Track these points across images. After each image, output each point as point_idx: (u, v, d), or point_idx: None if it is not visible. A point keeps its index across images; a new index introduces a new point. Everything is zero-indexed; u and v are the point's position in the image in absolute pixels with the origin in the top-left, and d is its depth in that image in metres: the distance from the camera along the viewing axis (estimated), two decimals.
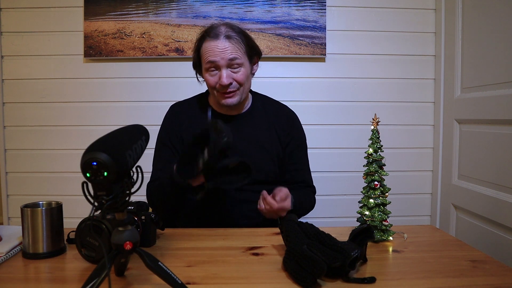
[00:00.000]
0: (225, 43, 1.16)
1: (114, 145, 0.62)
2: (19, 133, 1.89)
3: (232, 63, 1.17)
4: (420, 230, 1.11)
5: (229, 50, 1.16)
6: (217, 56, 1.16)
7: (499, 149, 1.42)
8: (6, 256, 0.86)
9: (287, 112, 1.36)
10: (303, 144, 1.36)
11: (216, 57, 1.16)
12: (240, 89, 1.21)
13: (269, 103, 1.37)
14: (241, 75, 1.19)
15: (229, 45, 1.17)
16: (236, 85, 1.19)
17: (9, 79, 1.88)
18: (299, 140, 1.34)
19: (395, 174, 1.90)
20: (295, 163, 1.33)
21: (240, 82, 1.19)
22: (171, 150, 1.26)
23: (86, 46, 1.84)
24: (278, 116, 1.33)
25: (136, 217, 0.92)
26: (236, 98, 1.21)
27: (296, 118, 1.37)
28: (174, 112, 1.33)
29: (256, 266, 0.83)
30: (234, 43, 1.18)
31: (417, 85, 1.93)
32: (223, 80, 1.16)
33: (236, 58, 1.17)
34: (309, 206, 1.32)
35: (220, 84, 1.17)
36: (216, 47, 1.16)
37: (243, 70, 1.20)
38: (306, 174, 1.36)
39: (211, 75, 1.19)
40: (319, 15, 1.85)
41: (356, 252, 0.74)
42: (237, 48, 1.18)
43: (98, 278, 0.63)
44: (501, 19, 1.43)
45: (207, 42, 1.18)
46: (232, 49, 1.17)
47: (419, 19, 1.90)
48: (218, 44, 1.16)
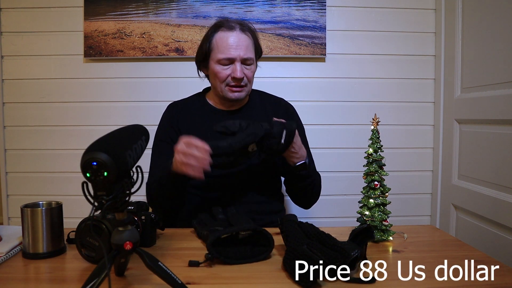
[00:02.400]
0: (240, 36, 1.19)
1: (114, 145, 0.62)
2: (19, 133, 1.89)
3: (246, 60, 1.20)
4: (420, 230, 1.11)
5: (244, 46, 1.19)
6: (234, 50, 1.18)
7: (499, 149, 1.42)
8: (6, 256, 0.86)
9: (284, 104, 1.38)
10: (302, 135, 1.32)
11: (232, 52, 1.17)
12: (248, 85, 1.23)
13: (266, 97, 1.38)
14: (251, 72, 1.23)
15: (245, 40, 1.20)
16: (246, 80, 1.22)
17: (9, 79, 1.87)
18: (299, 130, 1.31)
19: (395, 174, 1.89)
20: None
21: (249, 78, 1.23)
22: (168, 146, 1.25)
23: (86, 46, 1.84)
24: (275, 108, 1.34)
25: (136, 217, 0.92)
26: (244, 93, 1.23)
27: (293, 109, 1.38)
28: (172, 110, 1.33)
29: (256, 266, 0.83)
30: (248, 40, 1.21)
31: (417, 85, 1.93)
32: (237, 73, 1.18)
33: (251, 57, 1.21)
34: (318, 184, 1.28)
35: (234, 77, 1.19)
36: (233, 40, 1.18)
37: (253, 67, 1.24)
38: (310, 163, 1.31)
39: (223, 68, 1.20)
40: (319, 15, 1.85)
41: (356, 252, 0.74)
42: (251, 46, 1.22)
43: (98, 278, 0.63)
44: (501, 19, 1.43)
45: (222, 32, 1.20)
46: (247, 46, 1.20)
47: (419, 19, 1.90)
48: (234, 36, 1.18)
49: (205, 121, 1.26)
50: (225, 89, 1.22)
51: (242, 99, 1.26)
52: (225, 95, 1.23)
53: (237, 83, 1.20)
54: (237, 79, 1.19)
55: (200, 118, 1.28)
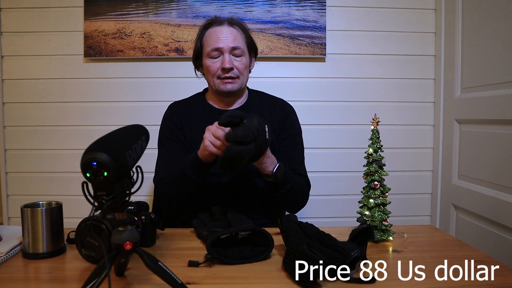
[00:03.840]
0: (228, 29, 1.22)
1: (114, 145, 0.62)
2: (19, 133, 1.89)
3: (235, 50, 1.22)
4: (420, 230, 1.11)
5: (232, 36, 1.21)
6: (221, 41, 1.20)
7: (499, 149, 1.42)
8: (6, 256, 0.86)
9: (281, 103, 1.37)
10: (296, 135, 1.33)
11: (220, 43, 1.20)
12: (240, 77, 1.24)
13: (264, 97, 1.38)
14: (242, 64, 1.24)
15: (233, 31, 1.22)
16: (236, 72, 1.22)
17: (9, 79, 1.88)
18: (292, 129, 1.32)
19: (395, 174, 1.89)
20: (287, 152, 1.28)
21: (240, 70, 1.23)
22: (176, 143, 1.27)
23: (86, 46, 1.84)
24: (273, 108, 1.34)
25: (136, 217, 0.92)
26: (236, 85, 1.24)
27: (291, 109, 1.37)
28: (174, 110, 1.34)
29: (256, 266, 0.83)
30: (237, 32, 1.23)
31: (417, 85, 1.93)
32: (226, 64, 1.19)
33: (239, 46, 1.22)
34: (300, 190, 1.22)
35: (223, 68, 1.20)
36: (221, 32, 1.21)
37: (244, 60, 1.24)
38: (298, 164, 1.29)
39: (213, 61, 1.22)
40: (319, 15, 1.85)
41: (356, 252, 0.74)
42: (240, 37, 1.24)
43: (98, 278, 0.63)
44: (501, 19, 1.43)
45: (211, 28, 1.24)
46: (235, 36, 1.23)
47: (419, 19, 1.90)
48: (222, 29, 1.22)
49: (205, 120, 1.27)
50: (217, 82, 1.23)
51: (236, 92, 1.26)
52: (218, 88, 1.24)
53: (226, 74, 1.21)
54: (226, 69, 1.20)
55: (200, 117, 1.29)
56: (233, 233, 0.84)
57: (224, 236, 0.83)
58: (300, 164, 1.31)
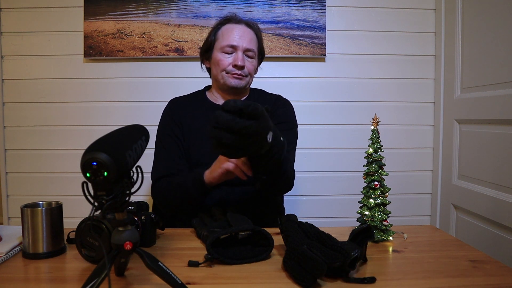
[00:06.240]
0: (246, 29, 1.26)
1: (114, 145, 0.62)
2: (19, 133, 1.89)
3: (248, 52, 1.25)
4: (420, 230, 1.11)
5: (249, 38, 1.25)
6: (238, 39, 1.23)
7: (499, 149, 1.42)
8: (6, 256, 0.86)
9: (276, 98, 1.38)
10: (287, 123, 1.30)
11: (236, 41, 1.23)
12: (248, 77, 1.27)
13: (263, 95, 1.40)
14: (252, 65, 1.27)
15: (250, 33, 1.26)
16: (246, 71, 1.25)
17: (9, 79, 1.88)
18: (283, 118, 1.30)
19: (395, 174, 1.90)
20: None
21: (250, 71, 1.27)
22: (174, 141, 1.27)
23: (86, 46, 1.84)
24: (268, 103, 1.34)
25: (136, 217, 0.92)
26: (243, 82, 1.26)
27: (285, 102, 1.37)
28: (173, 105, 1.35)
29: (256, 266, 0.83)
30: (253, 34, 1.27)
31: (417, 85, 1.93)
32: (239, 61, 1.22)
33: (253, 49, 1.26)
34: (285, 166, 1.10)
35: (235, 64, 1.23)
36: (238, 31, 1.24)
37: (255, 62, 1.28)
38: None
39: (225, 56, 1.24)
40: (319, 15, 1.85)
41: (356, 252, 0.74)
42: (255, 40, 1.27)
43: (98, 278, 0.63)
44: (501, 19, 1.43)
45: (229, 25, 1.26)
46: (251, 38, 1.26)
47: (419, 19, 1.90)
48: (240, 28, 1.25)
49: (205, 116, 1.27)
50: (226, 75, 1.25)
51: (241, 89, 1.27)
52: (225, 81, 1.25)
53: (237, 71, 1.23)
54: (238, 67, 1.22)
55: (200, 114, 1.29)
56: (233, 233, 0.84)
57: (224, 236, 0.83)
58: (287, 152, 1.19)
